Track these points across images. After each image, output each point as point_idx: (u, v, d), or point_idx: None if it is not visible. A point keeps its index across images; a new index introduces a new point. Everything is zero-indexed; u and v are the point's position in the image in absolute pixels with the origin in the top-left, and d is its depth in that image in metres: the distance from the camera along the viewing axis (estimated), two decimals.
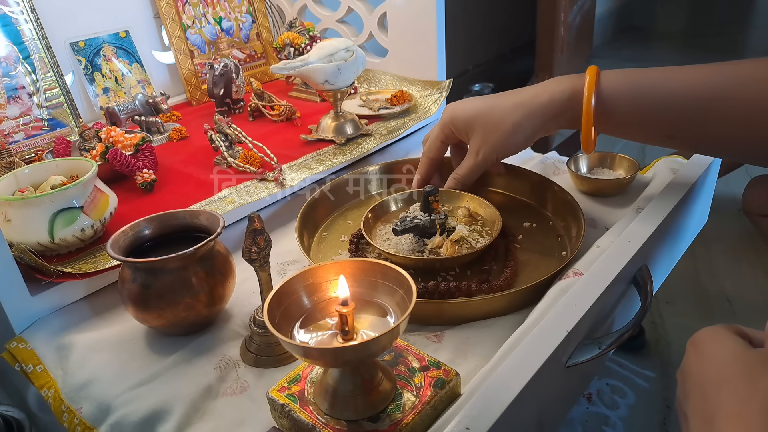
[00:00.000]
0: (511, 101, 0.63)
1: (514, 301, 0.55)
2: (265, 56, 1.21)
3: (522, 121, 0.61)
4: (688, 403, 0.36)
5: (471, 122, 0.65)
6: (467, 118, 0.65)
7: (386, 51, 1.09)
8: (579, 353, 0.48)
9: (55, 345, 0.56)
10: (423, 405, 0.42)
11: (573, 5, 2.26)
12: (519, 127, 0.62)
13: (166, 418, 0.48)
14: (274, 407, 0.44)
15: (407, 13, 1.02)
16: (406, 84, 1.05)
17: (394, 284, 0.43)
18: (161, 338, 0.56)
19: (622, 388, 0.95)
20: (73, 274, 0.58)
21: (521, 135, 0.62)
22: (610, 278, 0.51)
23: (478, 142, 0.65)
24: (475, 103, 0.66)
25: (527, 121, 0.61)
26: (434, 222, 0.64)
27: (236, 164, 0.78)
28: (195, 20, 1.10)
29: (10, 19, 0.88)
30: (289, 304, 0.42)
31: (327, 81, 0.82)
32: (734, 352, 0.35)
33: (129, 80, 1.03)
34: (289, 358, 0.52)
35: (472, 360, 0.50)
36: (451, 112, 0.67)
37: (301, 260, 0.67)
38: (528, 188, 0.75)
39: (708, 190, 0.75)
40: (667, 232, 0.63)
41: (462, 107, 0.67)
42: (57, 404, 0.52)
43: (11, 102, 0.87)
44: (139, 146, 0.78)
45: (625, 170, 0.78)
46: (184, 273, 0.53)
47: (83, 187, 0.61)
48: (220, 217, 0.56)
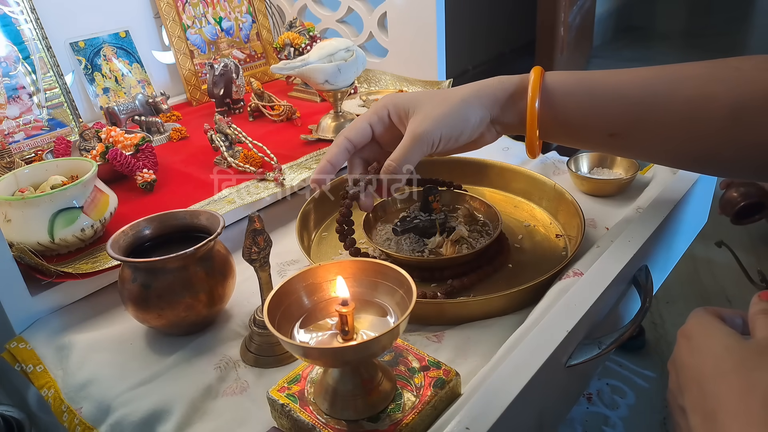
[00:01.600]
0: (459, 88, 0.58)
1: (514, 301, 0.55)
2: (265, 56, 1.21)
3: (471, 98, 0.55)
4: (686, 399, 0.36)
5: (414, 99, 0.57)
6: (410, 96, 0.58)
7: (386, 51, 1.09)
8: (579, 353, 0.48)
9: (55, 345, 0.56)
10: (423, 405, 0.42)
11: (573, 5, 2.26)
12: (467, 103, 0.55)
13: (166, 418, 0.48)
14: (274, 407, 0.44)
15: (407, 13, 1.02)
16: (406, 84, 1.05)
17: (394, 284, 0.43)
18: (161, 338, 0.56)
19: (622, 388, 0.96)
20: (73, 274, 0.58)
21: (470, 111, 0.55)
22: (610, 278, 0.51)
23: (420, 117, 0.55)
24: (419, 91, 0.60)
25: (476, 100, 0.55)
26: (434, 222, 0.64)
27: (236, 164, 0.78)
28: (195, 20, 1.10)
29: (10, 19, 0.88)
30: (289, 304, 0.42)
31: (327, 81, 0.82)
32: (727, 345, 0.35)
33: (129, 80, 1.03)
34: (289, 358, 0.52)
35: (472, 360, 0.50)
36: (390, 96, 0.59)
37: (301, 260, 0.67)
38: (528, 188, 0.75)
39: (708, 190, 0.75)
40: (667, 232, 0.63)
41: (404, 93, 0.60)
42: (57, 404, 0.52)
43: (11, 102, 0.87)
44: (139, 146, 0.78)
45: (625, 170, 0.78)
46: (184, 273, 0.53)
47: (83, 187, 0.61)
48: (220, 217, 0.56)
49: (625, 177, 0.75)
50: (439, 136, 0.55)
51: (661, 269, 0.68)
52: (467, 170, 0.79)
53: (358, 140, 0.59)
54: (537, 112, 0.54)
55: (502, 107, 0.56)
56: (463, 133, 0.55)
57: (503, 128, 0.57)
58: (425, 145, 0.55)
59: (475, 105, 0.55)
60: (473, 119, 0.55)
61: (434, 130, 0.54)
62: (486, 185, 0.78)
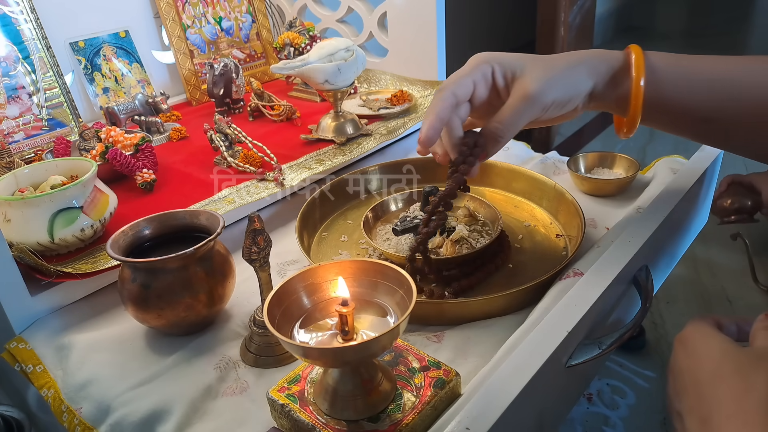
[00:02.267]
0: (561, 55, 0.54)
1: (514, 301, 0.55)
2: (265, 56, 1.21)
3: (579, 66, 0.52)
4: (683, 403, 0.36)
5: (519, 59, 0.52)
6: (512, 56, 0.53)
7: (386, 51, 1.09)
8: (579, 353, 0.48)
9: (54, 345, 0.56)
10: (423, 405, 0.42)
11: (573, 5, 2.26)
12: (577, 71, 0.52)
13: (166, 418, 0.48)
14: (274, 407, 0.44)
15: (407, 13, 1.01)
16: (406, 84, 1.05)
17: (394, 284, 0.43)
18: (161, 338, 0.56)
19: (622, 388, 0.96)
20: (72, 274, 0.58)
21: (580, 79, 0.52)
22: (610, 278, 0.51)
23: (530, 78, 0.51)
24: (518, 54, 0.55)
25: (584, 68, 0.52)
26: None
27: (236, 164, 0.78)
28: (195, 20, 1.10)
29: (10, 19, 0.88)
30: (289, 304, 0.42)
31: (327, 81, 0.82)
32: (724, 350, 0.36)
33: (129, 80, 1.03)
34: (289, 358, 0.52)
35: (472, 360, 0.50)
36: (486, 54, 0.54)
37: (301, 260, 0.67)
38: (528, 188, 0.75)
39: (708, 190, 0.75)
40: (667, 232, 0.63)
41: (501, 53, 0.54)
42: (57, 404, 0.51)
43: (11, 102, 0.87)
44: (139, 146, 0.78)
45: (625, 170, 0.78)
46: (184, 273, 0.53)
47: (83, 187, 0.61)
48: (220, 217, 0.56)
49: (625, 177, 0.75)
50: (551, 100, 0.51)
51: (661, 269, 0.68)
52: None
53: (462, 96, 0.52)
54: (643, 91, 0.51)
55: (605, 83, 0.53)
56: (572, 100, 0.52)
57: (597, 104, 0.54)
58: (537, 108, 0.51)
59: (583, 74, 0.52)
60: (582, 87, 0.52)
61: (548, 93, 0.50)
62: (486, 185, 0.78)
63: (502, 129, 0.51)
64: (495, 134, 0.51)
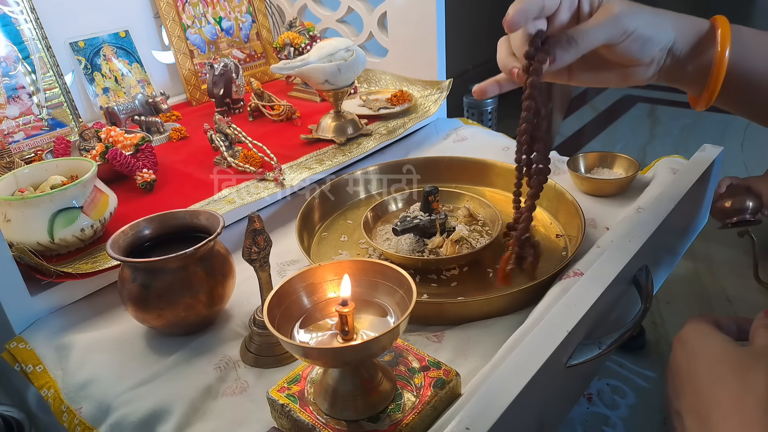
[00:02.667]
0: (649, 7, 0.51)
1: (514, 301, 0.55)
2: (265, 56, 1.21)
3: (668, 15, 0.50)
4: (682, 402, 0.36)
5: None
6: None
7: (386, 51, 1.09)
8: (579, 353, 0.48)
9: (54, 345, 0.56)
10: (423, 405, 0.42)
11: None
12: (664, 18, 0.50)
13: (166, 418, 0.48)
14: (274, 407, 0.44)
15: (407, 13, 1.01)
16: (406, 84, 1.05)
17: (394, 284, 0.43)
18: (161, 338, 0.56)
19: (623, 388, 0.96)
20: (72, 274, 0.58)
21: (665, 26, 0.49)
22: (610, 278, 0.51)
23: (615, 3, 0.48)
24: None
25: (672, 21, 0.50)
26: (434, 222, 0.64)
27: (236, 164, 0.78)
28: (195, 20, 1.10)
29: (10, 19, 0.88)
30: (289, 304, 0.42)
31: (327, 81, 0.82)
32: (723, 350, 0.36)
33: (129, 80, 1.03)
34: (289, 358, 0.52)
35: (472, 360, 0.50)
36: None
37: (301, 260, 0.67)
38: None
39: (708, 190, 0.75)
40: (667, 232, 0.63)
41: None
42: (57, 404, 0.51)
43: (11, 102, 0.87)
44: (139, 146, 0.78)
45: (625, 170, 0.78)
46: (184, 273, 0.53)
47: (83, 187, 0.61)
48: (220, 217, 0.56)
49: (625, 177, 0.75)
50: (633, 27, 0.47)
51: (661, 269, 0.68)
52: (467, 170, 0.79)
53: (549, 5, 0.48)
54: (726, 62, 0.49)
55: (689, 45, 0.50)
56: (651, 42, 0.48)
57: (673, 70, 0.51)
58: (618, 29, 0.47)
59: (668, 23, 0.49)
60: (663, 36, 0.49)
61: (632, 19, 0.47)
62: (486, 185, 0.78)
63: (579, 35, 0.47)
64: (570, 37, 0.47)
